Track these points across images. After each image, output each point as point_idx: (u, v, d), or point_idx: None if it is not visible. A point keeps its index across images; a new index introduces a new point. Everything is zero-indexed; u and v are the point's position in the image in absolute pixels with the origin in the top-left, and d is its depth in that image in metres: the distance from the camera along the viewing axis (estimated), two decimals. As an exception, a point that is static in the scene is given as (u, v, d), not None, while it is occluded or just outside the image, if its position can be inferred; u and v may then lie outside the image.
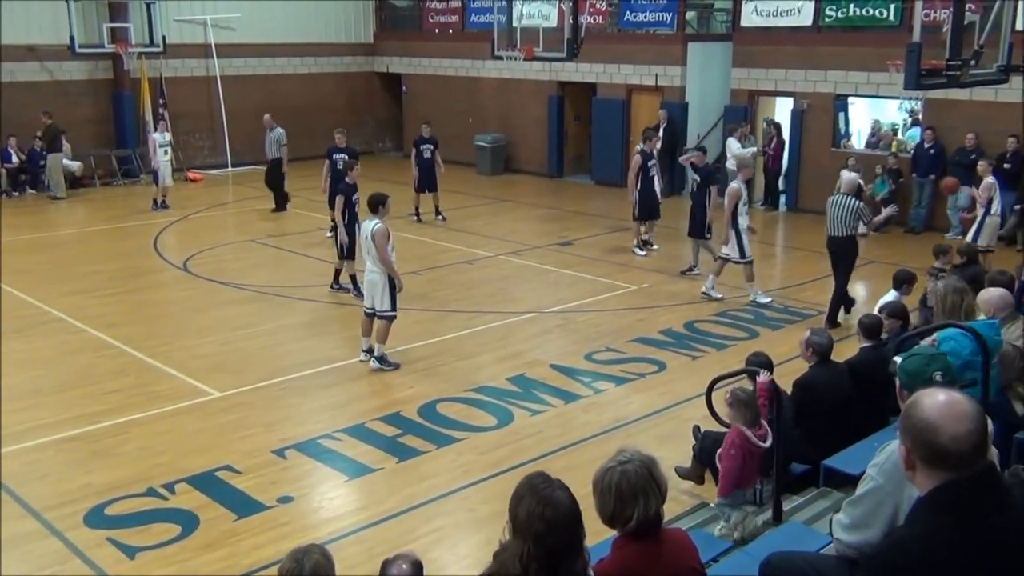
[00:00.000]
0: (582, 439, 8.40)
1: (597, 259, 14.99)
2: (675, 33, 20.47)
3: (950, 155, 16.33)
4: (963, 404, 2.59)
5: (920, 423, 2.58)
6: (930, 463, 2.57)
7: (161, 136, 19.14)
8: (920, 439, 2.57)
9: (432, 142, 17.65)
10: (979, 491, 2.55)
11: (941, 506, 2.54)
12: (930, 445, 2.55)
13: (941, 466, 2.55)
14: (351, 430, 8.55)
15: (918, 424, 2.58)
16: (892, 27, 16.90)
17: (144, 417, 8.85)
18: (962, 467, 2.53)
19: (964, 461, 2.52)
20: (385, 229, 9.81)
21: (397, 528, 6.89)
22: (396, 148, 27.50)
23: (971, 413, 2.56)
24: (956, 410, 2.55)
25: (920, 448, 2.58)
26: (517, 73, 22.60)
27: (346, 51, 26.59)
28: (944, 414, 2.55)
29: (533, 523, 3.06)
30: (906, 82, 9.39)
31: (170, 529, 6.82)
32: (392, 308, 10.01)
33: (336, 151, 15.90)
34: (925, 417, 2.57)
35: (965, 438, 2.52)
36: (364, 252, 10.02)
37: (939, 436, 2.53)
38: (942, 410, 2.56)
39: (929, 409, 2.57)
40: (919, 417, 2.58)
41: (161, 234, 16.89)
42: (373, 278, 9.98)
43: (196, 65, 23.73)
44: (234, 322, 11.75)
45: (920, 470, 2.61)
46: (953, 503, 2.53)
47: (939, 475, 2.56)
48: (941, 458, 2.54)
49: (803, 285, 13.60)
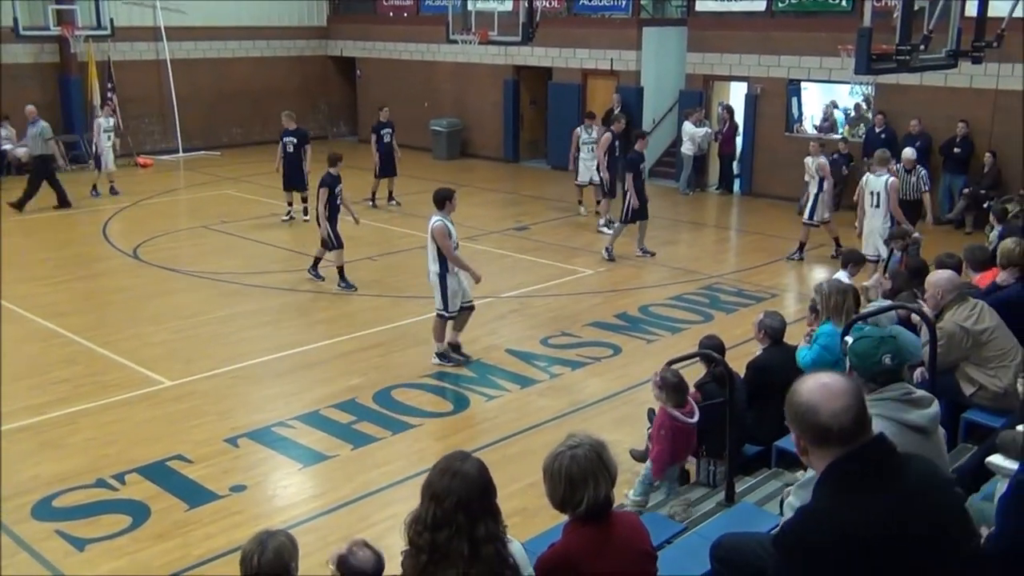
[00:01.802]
0: (538, 423, 8.41)
1: (553, 244, 14.99)
2: (630, 17, 20.51)
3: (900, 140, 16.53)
4: (837, 382, 2.72)
5: (801, 407, 2.70)
6: (817, 443, 2.69)
7: (106, 120, 18.73)
8: (804, 422, 2.69)
9: (391, 126, 17.55)
10: (868, 462, 2.66)
11: (836, 480, 2.65)
12: (813, 425, 2.67)
13: (827, 444, 2.66)
14: (305, 417, 8.47)
15: (799, 408, 2.70)
16: (845, 12, 17.06)
17: (93, 407, 8.70)
18: (846, 441, 2.64)
19: (847, 435, 2.64)
20: (443, 226, 9.33)
21: (352, 515, 6.85)
22: (350, 133, 27.29)
23: (846, 389, 2.70)
24: (831, 389, 2.69)
25: (806, 431, 2.70)
26: (472, 57, 22.48)
27: (299, 35, 26.28)
28: (820, 394, 2.68)
29: (434, 486, 3.21)
30: (856, 66, 9.47)
31: (120, 520, 6.72)
32: (444, 307, 9.60)
33: (286, 134, 16.11)
34: (804, 400, 2.70)
35: (843, 412, 2.63)
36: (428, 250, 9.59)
37: (819, 415, 2.65)
38: (818, 391, 2.69)
39: (807, 392, 2.71)
40: (799, 402, 2.71)
41: (110, 221, 16.60)
42: (432, 278, 9.60)
43: (145, 48, 23.31)
44: (186, 310, 11.59)
45: (812, 453, 2.73)
46: (846, 476, 2.64)
47: (830, 452, 2.67)
48: (825, 436, 2.65)
49: (757, 268, 13.72)
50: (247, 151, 23.38)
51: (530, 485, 6.57)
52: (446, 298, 9.58)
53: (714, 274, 13.23)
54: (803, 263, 14.03)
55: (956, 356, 6.13)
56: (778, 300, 12.04)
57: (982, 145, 15.66)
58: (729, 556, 3.99)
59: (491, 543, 3.16)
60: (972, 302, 6.25)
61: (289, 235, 15.78)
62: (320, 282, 12.61)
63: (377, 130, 17.56)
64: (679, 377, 6.07)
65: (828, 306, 6.20)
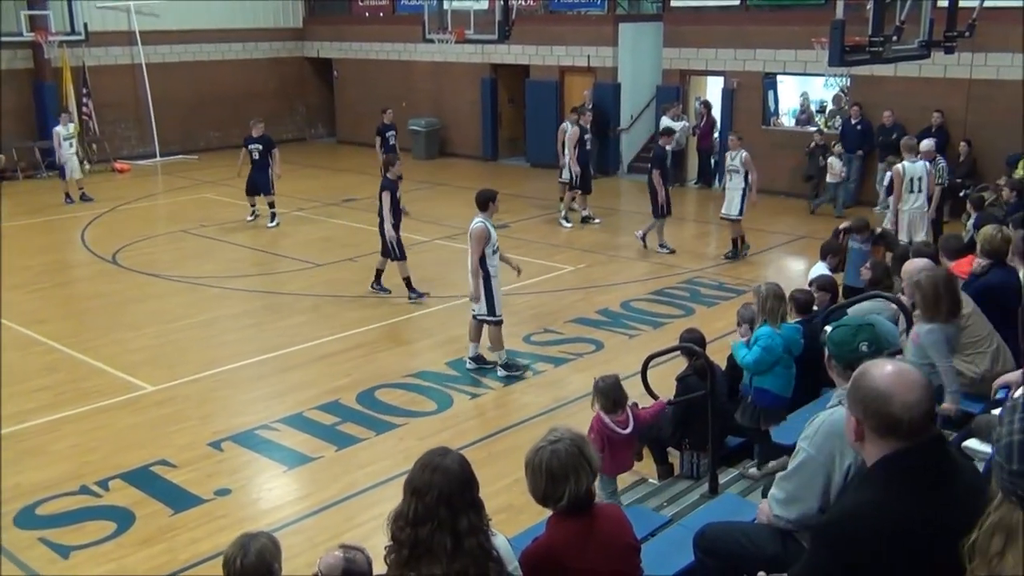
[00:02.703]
0: (522, 420, 8.44)
1: (534, 241, 15.02)
2: (606, 14, 20.56)
3: (876, 131, 16.66)
4: (912, 374, 2.62)
5: (871, 392, 2.59)
6: (882, 432, 2.59)
7: (64, 128, 18.32)
8: (872, 408, 2.59)
9: (395, 128, 17.54)
10: (929, 460, 2.58)
11: (892, 474, 2.57)
12: (882, 414, 2.57)
13: (892, 435, 2.57)
14: (289, 420, 8.46)
15: (870, 394, 2.60)
16: (818, 5, 17.14)
17: (75, 414, 8.66)
18: (913, 435, 2.56)
19: (915, 429, 2.56)
20: (484, 228, 9.09)
21: (337, 516, 6.85)
22: (328, 134, 27.23)
23: (921, 382, 2.60)
24: (906, 379, 2.59)
25: (872, 417, 2.60)
26: (449, 56, 22.48)
27: (275, 36, 26.19)
28: (895, 383, 2.57)
29: (415, 481, 3.22)
30: (830, 59, 9.54)
31: (105, 527, 6.69)
32: (489, 312, 9.29)
33: (250, 140, 16.15)
34: (876, 386, 2.59)
35: (916, 406, 2.55)
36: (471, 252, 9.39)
37: (891, 405, 2.55)
38: (893, 379, 2.59)
39: (880, 379, 2.60)
40: (870, 387, 2.60)
41: (89, 227, 16.50)
42: (472, 280, 9.32)
43: (120, 53, 23.17)
44: (166, 315, 11.54)
45: (870, 440, 2.63)
46: (904, 471, 2.56)
47: (890, 444, 2.59)
48: (893, 427, 2.56)
49: (737, 261, 13.78)
50: (225, 154, 23.23)
51: (515, 482, 6.57)
52: (492, 303, 9.31)
53: (694, 268, 13.30)
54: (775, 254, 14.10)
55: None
56: (758, 292, 12.09)
57: (957, 134, 15.79)
58: (713, 546, 4.02)
59: (474, 536, 3.17)
60: (948, 290, 6.30)
61: (268, 238, 15.74)
62: (386, 295, 12.00)
63: (382, 132, 17.45)
64: (611, 384, 5.93)
65: (764, 308, 6.26)
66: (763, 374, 6.19)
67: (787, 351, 6.17)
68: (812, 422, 3.81)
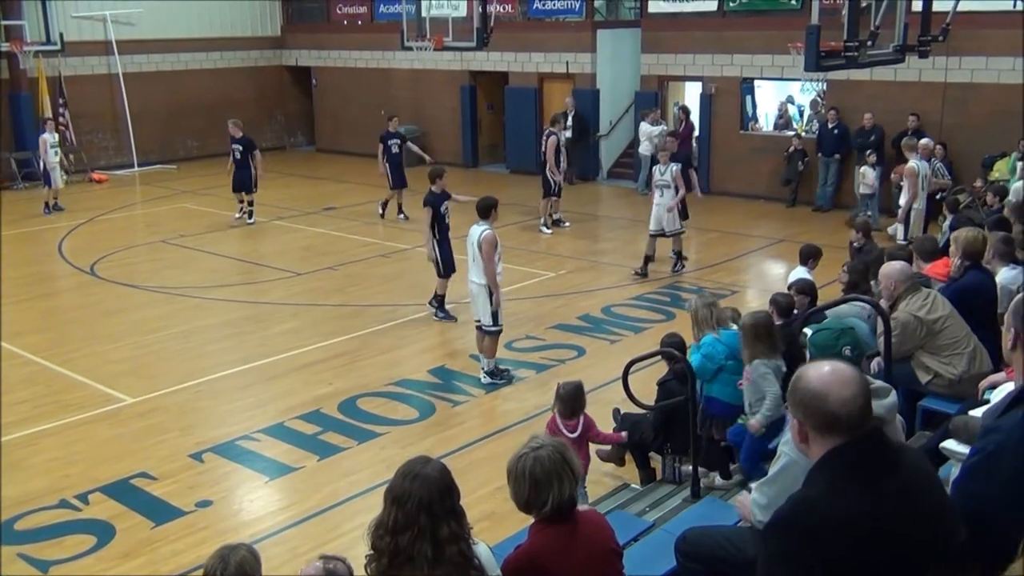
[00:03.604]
0: (505, 427, 8.44)
1: (514, 248, 14.99)
2: (584, 20, 20.62)
3: (853, 135, 16.79)
4: (846, 371, 2.69)
5: (808, 393, 2.66)
6: (822, 430, 2.65)
7: (51, 136, 18.33)
8: (811, 408, 2.66)
9: (399, 136, 17.08)
10: (870, 451, 2.64)
11: (836, 468, 2.62)
12: (820, 412, 2.63)
13: (833, 432, 2.63)
14: (270, 430, 8.43)
15: (807, 394, 2.67)
16: (794, 10, 17.26)
17: (55, 427, 8.59)
18: (852, 430, 2.62)
19: (853, 424, 2.62)
20: (493, 236, 9.04)
21: (320, 526, 6.83)
22: (308, 143, 27.16)
23: (855, 378, 2.67)
24: (840, 377, 2.66)
25: (811, 417, 2.66)
26: (428, 64, 22.48)
27: (253, 45, 26.08)
28: (830, 381, 2.64)
29: (395, 490, 3.24)
30: (806, 64, 9.61)
31: (85, 540, 6.64)
32: (494, 323, 9.21)
33: (233, 141, 16.73)
34: (812, 387, 2.66)
35: (852, 401, 2.61)
36: (470, 260, 9.27)
37: (828, 403, 2.62)
38: (828, 378, 2.65)
39: (815, 379, 2.67)
40: (807, 388, 2.67)
41: (66, 238, 16.39)
42: (474, 289, 9.24)
43: (97, 63, 23.02)
44: (146, 326, 11.47)
45: (813, 440, 2.70)
46: (847, 464, 2.61)
47: (831, 441, 2.64)
48: (832, 424, 2.62)
49: (717, 266, 13.86)
50: (204, 164, 23.17)
51: (498, 489, 6.57)
52: (496, 312, 9.22)
53: (675, 273, 13.34)
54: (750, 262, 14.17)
55: (911, 345, 6.23)
56: (739, 296, 12.16)
57: (933, 137, 15.90)
58: (694, 550, 4.04)
59: (455, 544, 3.17)
60: (925, 292, 6.36)
61: (249, 247, 15.69)
62: (452, 323, 11.34)
63: (384, 140, 17.01)
64: (570, 392, 6.15)
65: (697, 320, 6.46)
66: (710, 382, 6.28)
67: (732, 358, 6.17)
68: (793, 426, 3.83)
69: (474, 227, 9.24)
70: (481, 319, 9.34)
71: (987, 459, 2.82)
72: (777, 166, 18.02)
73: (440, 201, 11.06)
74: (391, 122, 17.33)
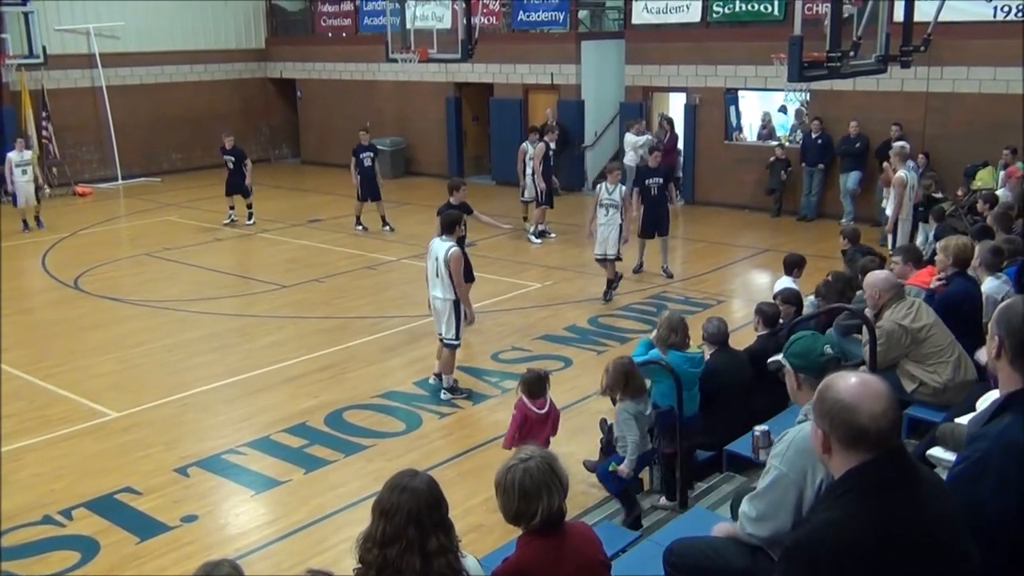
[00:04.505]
0: (492, 439, 8.38)
1: (501, 259, 15.02)
2: (568, 32, 20.69)
3: (836, 144, 16.89)
4: (877, 384, 2.61)
5: (838, 404, 2.58)
6: (848, 444, 2.57)
7: (19, 155, 17.79)
8: (839, 420, 2.57)
9: (372, 149, 17.37)
10: (894, 469, 2.57)
11: (861, 487, 2.55)
12: (849, 425, 2.55)
13: (859, 446, 2.55)
14: (256, 443, 8.38)
15: (836, 405, 2.58)
16: (777, 21, 17.36)
17: (38, 442, 8.52)
18: (879, 446, 2.54)
19: (882, 439, 2.54)
20: (459, 253, 9.14)
21: (307, 540, 6.79)
22: (293, 155, 27.12)
23: (885, 392, 2.59)
24: (872, 390, 2.57)
25: (838, 429, 2.58)
26: (413, 75, 22.50)
27: (237, 57, 26.04)
28: (860, 393, 2.56)
29: (383, 503, 3.23)
30: (789, 74, 9.66)
31: (69, 556, 6.58)
32: (456, 337, 9.29)
33: (223, 152, 17.50)
34: (842, 398, 2.57)
35: (883, 416, 2.54)
36: (432, 274, 9.23)
37: (858, 415, 2.53)
38: (858, 390, 2.57)
39: (845, 390, 2.58)
40: (836, 398, 2.59)
41: (49, 252, 16.29)
42: (438, 304, 9.25)
43: (80, 76, 22.94)
44: (130, 339, 11.40)
45: (837, 452, 2.61)
46: (868, 485, 2.54)
47: (856, 456, 2.57)
48: (860, 438, 2.54)
49: (702, 276, 13.89)
50: (188, 176, 23.12)
51: (485, 501, 6.57)
52: (459, 327, 9.27)
53: (661, 283, 13.36)
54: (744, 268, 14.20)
55: (896, 354, 6.26)
56: (725, 306, 12.20)
57: (916, 146, 16.02)
58: (682, 561, 4.03)
59: (443, 556, 3.16)
60: (909, 300, 6.40)
61: (234, 260, 15.63)
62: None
63: (356, 152, 17.24)
64: (532, 378, 6.73)
65: (659, 336, 6.64)
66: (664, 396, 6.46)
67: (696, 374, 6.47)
68: (782, 438, 3.78)
69: (436, 241, 9.21)
70: (444, 333, 9.32)
71: (973, 467, 2.81)
72: (761, 176, 18.09)
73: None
74: (363, 135, 17.53)
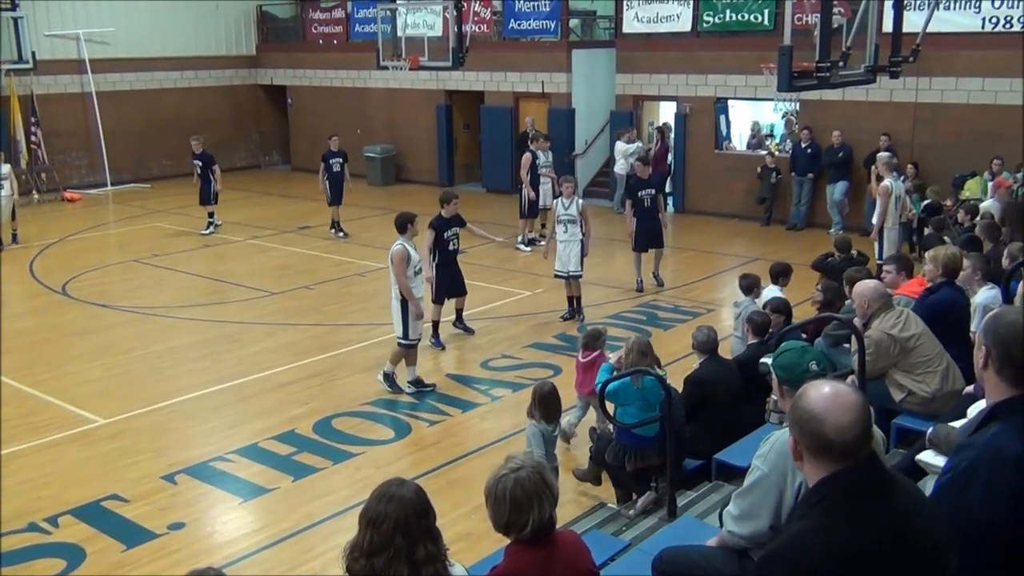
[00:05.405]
0: (481, 447, 8.40)
1: (491, 267, 15.01)
2: (559, 40, 20.74)
3: (823, 153, 16.96)
4: (848, 395, 2.61)
5: (806, 414, 2.60)
6: (816, 453, 2.59)
7: None
8: (806, 429, 2.59)
9: (341, 155, 17.50)
10: (863, 481, 2.58)
11: (829, 498, 2.57)
12: (815, 435, 2.57)
13: (827, 456, 2.57)
14: (244, 451, 8.35)
15: (804, 415, 2.60)
16: (766, 31, 17.42)
17: (25, 449, 8.47)
18: (846, 457, 2.55)
19: (848, 451, 2.55)
20: (404, 251, 9.27)
21: (295, 547, 6.77)
22: (283, 162, 27.08)
23: (856, 404, 2.59)
24: (841, 401, 2.58)
25: (806, 438, 2.60)
26: (404, 83, 22.51)
27: (228, 64, 26.02)
28: (829, 405, 2.57)
29: (370, 512, 3.21)
30: (779, 84, 9.68)
31: (55, 564, 6.54)
32: (404, 335, 9.42)
33: (194, 157, 17.58)
34: (811, 408, 2.59)
35: (849, 428, 2.54)
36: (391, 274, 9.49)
37: (824, 427, 2.55)
38: (827, 401, 2.58)
39: (815, 400, 2.60)
40: (805, 408, 2.61)
41: (38, 257, 16.23)
42: (391, 302, 9.50)
43: (70, 81, 22.88)
44: (118, 346, 11.36)
45: (807, 460, 2.64)
46: (840, 494, 2.55)
47: (825, 465, 2.58)
48: (827, 449, 2.56)
49: (693, 284, 13.91)
50: (178, 183, 23.00)
51: (474, 509, 6.56)
52: (407, 325, 9.43)
53: (651, 292, 13.38)
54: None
55: (885, 364, 6.27)
56: (715, 315, 12.21)
57: (904, 157, 16.10)
58: (671, 570, 4.03)
59: (431, 565, 3.14)
60: (898, 310, 6.41)
61: (223, 266, 15.58)
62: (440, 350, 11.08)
63: (326, 159, 17.38)
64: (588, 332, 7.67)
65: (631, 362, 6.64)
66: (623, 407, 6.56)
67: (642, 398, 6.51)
68: (767, 440, 3.90)
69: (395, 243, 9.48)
70: (395, 331, 9.55)
71: (960, 476, 2.82)
72: (751, 185, 18.15)
73: (446, 226, 10.97)
74: (332, 141, 17.71)
